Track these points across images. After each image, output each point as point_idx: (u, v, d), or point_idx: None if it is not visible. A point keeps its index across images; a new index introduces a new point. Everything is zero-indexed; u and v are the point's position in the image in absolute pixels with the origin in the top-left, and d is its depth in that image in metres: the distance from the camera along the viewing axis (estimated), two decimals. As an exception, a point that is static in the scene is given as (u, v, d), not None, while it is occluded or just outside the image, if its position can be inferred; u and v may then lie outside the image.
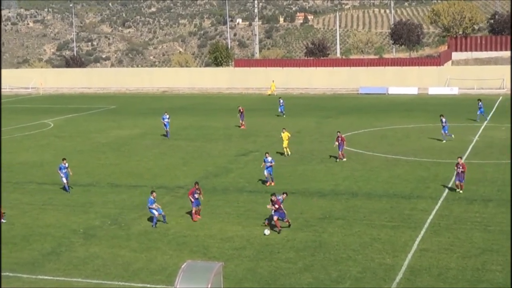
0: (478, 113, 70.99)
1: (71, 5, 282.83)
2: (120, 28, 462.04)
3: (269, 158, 44.66)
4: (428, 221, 36.10)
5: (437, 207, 38.85)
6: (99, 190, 45.21)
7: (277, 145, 58.01)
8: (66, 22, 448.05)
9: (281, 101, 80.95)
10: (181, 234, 34.98)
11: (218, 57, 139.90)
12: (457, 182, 41.80)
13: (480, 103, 71.26)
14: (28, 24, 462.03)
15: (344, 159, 52.41)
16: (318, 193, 42.80)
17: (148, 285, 28.40)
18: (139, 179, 48.20)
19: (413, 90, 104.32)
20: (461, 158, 42.28)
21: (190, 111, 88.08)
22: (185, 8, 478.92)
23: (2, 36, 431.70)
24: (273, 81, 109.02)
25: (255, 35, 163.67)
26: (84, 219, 38.17)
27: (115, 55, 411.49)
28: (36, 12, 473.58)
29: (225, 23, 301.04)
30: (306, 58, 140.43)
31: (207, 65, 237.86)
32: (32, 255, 32.34)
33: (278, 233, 34.21)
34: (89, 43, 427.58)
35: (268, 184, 44.69)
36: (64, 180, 44.56)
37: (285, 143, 54.70)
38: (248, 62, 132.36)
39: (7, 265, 30.98)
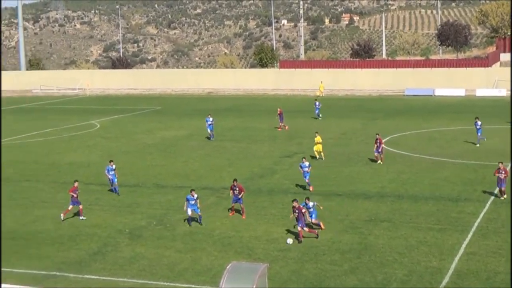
0: None
1: (117, 6, 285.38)
2: (165, 29, 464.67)
3: (306, 163, 44.10)
4: (476, 224, 35.67)
5: (484, 210, 38.38)
6: (145, 191, 45.47)
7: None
8: (112, 24, 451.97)
9: (317, 103, 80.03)
10: (226, 235, 35.01)
11: (263, 58, 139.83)
12: (501, 188, 40.89)
13: None
14: (75, 25, 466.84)
15: (380, 162, 51.93)
16: (364, 195, 42.54)
17: (193, 286, 28.46)
18: (184, 180, 48.36)
19: (460, 92, 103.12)
20: (502, 163, 41.44)
21: (235, 112, 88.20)
22: (231, 9, 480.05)
23: (50, 37, 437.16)
24: (321, 82, 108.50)
25: (300, 36, 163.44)
26: (130, 220, 38.41)
27: (161, 56, 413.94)
28: (83, 13, 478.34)
29: (270, 24, 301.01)
30: (351, 59, 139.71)
31: (252, 66, 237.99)
32: (78, 255, 32.62)
33: (299, 242, 33.43)
34: (135, 45, 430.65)
35: (312, 189, 44.02)
36: (114, 181, 44.64)
37: (318, 147, 54.03)
38: (294, 63, 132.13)
39: (54, 264, 31.31)
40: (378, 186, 44.88)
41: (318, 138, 53.85)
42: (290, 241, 33.41)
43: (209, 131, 65.81)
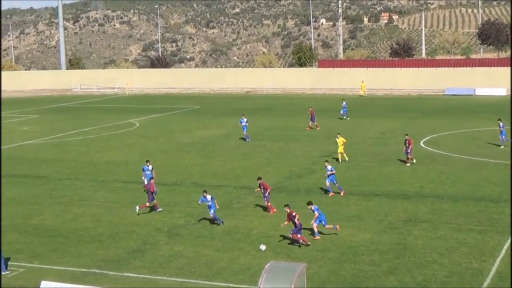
0: None
1: (156, 6, 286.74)
2: (204, 28, 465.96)
3: (329, 167, 43.22)
4: (517, 225, 35.22)
5: (526, 211, 37.87)
6: (184, 190, 45.59)
7: (360, 147, 57.51)
8: (151, 23, 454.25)
9: (344, 103, 79.43)
10: (265, 234, 34.96)
11: (301, 57, 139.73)
12: None
13: None
14: (114, 25, 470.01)
15: (408, 164, 51.47)
16: (403, 195, 42.24)
17: (231, 285, 28.46)
18: (223, 179, 48.42)
19: (501, 91, 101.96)
20: None
21: (273, 112, 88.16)
22: (269, 9, 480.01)
23: (90, 37, 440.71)
24: (362, 81, 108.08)
25: (339, 35, 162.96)
26: (168, 218, 38.54)
27: (199, 55, 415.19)
28: (123, 13, 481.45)
29: (308, 24, 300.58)
30: (390, 58, 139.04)
31: (290, 65, 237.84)
32: (118, 253, 32.80)
33: (299, 246, 32.96)
34: (174, 44, 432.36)
35: (343, 193, 43.20)
36: (146, 182, 44.38)
37: (340, 149, 53.32)
38: (332, 62, 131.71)
39: (93, 262, 31.51)
40: (417, 186, 44.53)
41: (340, 140, 53.17)
42: (263, 247, 32.60)
43: (244, 132, 65.42)
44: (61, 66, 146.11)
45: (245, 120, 65.47)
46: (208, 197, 36.99)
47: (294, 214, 33.04)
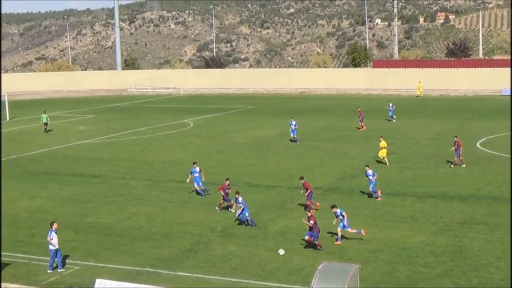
0: None
1: (211, 6, 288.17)
2: (258, 29, 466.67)
3: (370, 171, 42.36)
4: None
5: None
6: (238, 190, 45.53)
7: (415, 148, 57.03)
8: (206, 24, 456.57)
9: (391, 105, 78.16)
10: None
11: (356, 57, 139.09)
12: None
13: None
14: (169, 25, 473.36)
15: (463, 165, 50.79)
16: (459, 197, 41.72)
17: (284, 285, 28.42)
18: (276, 180, 48.39)
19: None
20: None
21: (327, 112, 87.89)
22: (324, 9, 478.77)
23: (145, 37, 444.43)
24: (419, 82, 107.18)
25: (394, 35, 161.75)
26: (222, 218, 38.62)
27: (254, 56, 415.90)
28: (178, 14, 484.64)
29: (363, 24, 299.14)
30: (446, 58, 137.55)
31: (345, 66, 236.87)
32: (171, 252, 32.99)
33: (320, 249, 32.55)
34: (228, 44, 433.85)
35: (379, 199, 42.82)
36: (196, 186, 44.44)
37: (383, 152, 52.23)
38: (387, 63, 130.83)
39: (147, 260, 31.74)
40: (473, 188, 43.96)
41: (383, 143, 52.27)
42: (282, 251, 32.17)
43: (292, 135, 64.41)
44: (116, 66, 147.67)
45: (294, 122, 64.43)
46: (240, 199, 37.03)
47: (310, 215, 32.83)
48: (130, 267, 30.95)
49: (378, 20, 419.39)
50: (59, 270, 30.51)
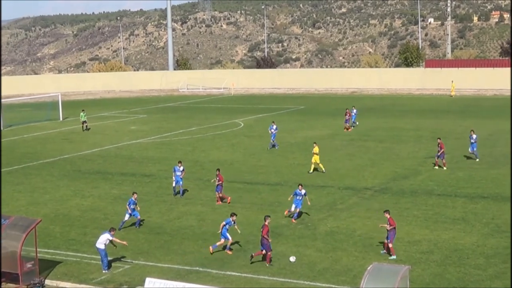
0: None
1: (263, 7, 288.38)
2: (310, 29, 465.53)
3: (302, 191, 38.97)
4: None
5: None
6: (287, 190, 45.51)
7: (467, 148, 56.34)
8: (257, 24, 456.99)
9: (355, 110, 74.62)
10: (368, 236, 34.65)
11: (408, 57, 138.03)
12: None
13: None
14: (221, 26, 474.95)
15: (445, 168, 50.28)
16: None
17: (333, 286, 28.34)
18: (326, 180, 48.24)
19: None
20: None
21: (379, 112, 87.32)
22: (376, 8, 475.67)
23: (197, 37, 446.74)
24: (452, 81, 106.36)
25: (448, 34, 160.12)
26: (272, 218, 38.47)
27: (305, 55, 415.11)
28: (229, 14, 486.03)
29: (416, 23, 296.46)
30: (501, 58, 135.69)
31: (397, 65, 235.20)
32: (221, 252, 33.06)
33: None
34: (280, 44, 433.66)
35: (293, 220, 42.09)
36: (174, 184, 44.60)
37: (316, 158, 50.65)
38: (440, 62, 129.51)
39: (197, 260, 31.89)
40: (526, 189, 43.29)
41: (316, 149, 50.79)
42: (292, 259, 31.41)
43: (272, 139, 62.61)
44: (168, 66, 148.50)
45: (274, 127, 62.78)
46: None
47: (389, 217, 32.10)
48: (179, 266, 31.14)
49: (431, 19, 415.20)
50: (103, 271, 30.79)
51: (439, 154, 50.65)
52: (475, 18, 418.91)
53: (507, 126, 69.83)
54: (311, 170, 50.74)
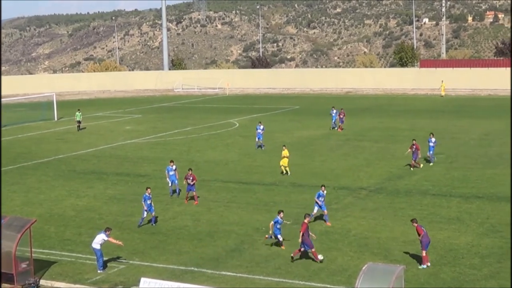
0: None
1: (258, 7, 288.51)
2: (305, 29, 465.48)
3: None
4: None
5: None
6: (282, 190, 45.63)
7: (463, 148, 56.44)
8: (252, 24, 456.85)
9: (334, 111, 73.18)
10: (363, 235, 34.68)
11: (403, 57, 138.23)
12: None
13: None
14: (216, 26, 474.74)
15: (420, 166, 50.68)
16: (507, 198, 41.13)
17: (328, 286, 28.35)
18: (321, 180, 48.09)
19: None
20: None
21: (374, 112, 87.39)
22: (371, 8, 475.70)
23: (192, 37, 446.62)
24: (442, 81, 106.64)
25: (442, 34, 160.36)
26: (267, 218, 38.54)
27: (300, 55, 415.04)
28: (224, 14, 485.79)
29: (411, 23, 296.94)
30: (495, 58, 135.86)
31: (392, 65, 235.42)
32: (216, 251, 33.08)
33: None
34: (275, 44, 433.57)
35: None
36: (170, 184, 44.64)
37: (284, 161, 50.13)
38: (434, 62, 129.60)
39: (192, 260, 31.88)
40: (521, 189, 43.34)
41: (285, 152, 50.35)
42: (321, 256, 31.08)
43: (258, 139, 62.51)
44: (163, 66, 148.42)
45: (261, 127, 62.66)
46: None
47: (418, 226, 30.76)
48: (174, 266, 31.13)
49: (426, 20, 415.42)
50: (98, 271, 30.75)
51: (414, 155, 50.49)
52: (470, 18, 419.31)
53: (502, 126, 70.01)
54: (283, 173, 50.05)
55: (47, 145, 67.51)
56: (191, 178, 42.32)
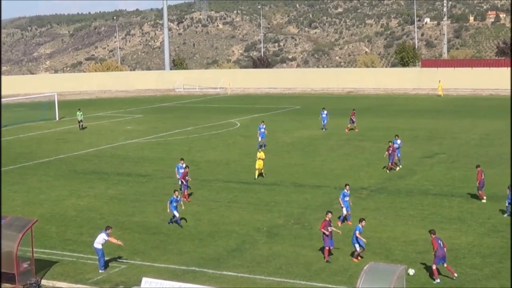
0: None
1: (259, 6, 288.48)
2: (306, 28, 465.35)
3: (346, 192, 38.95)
4: None
5: None
6: (283, 189, 45.62)
7: (464, 148, 56.43)
8: (254, 24, 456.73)
9: (325, 112, 73.47)
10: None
11: (404, 57, 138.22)
12: None
13: None
14: (217, 26, 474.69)
15: (398, 167, 50.73)
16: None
17: (329, 286, 28.35)
18: (322, 180, 48.25)
19: None
20: None
21: (375, 112, 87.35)
22: (372, 8, 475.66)
23: (193, 37, 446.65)
24: (439, 81, 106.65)
25: (444, 34, 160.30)
26: (268, 218, 38.64)
27: (301, 55, 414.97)
28: (226, 14, 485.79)
29: (412, 23, 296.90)
30: (497, 58, 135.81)
31: (393, 65, 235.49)
32: (217, 251, 33.09)
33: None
34: (276, 44, 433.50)
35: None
36: (180, 182, 44.46)
37: (259, 163, 49.23)
38: (436, 62, 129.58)
39: (193, 260, 31.89)
40: (522, 189, 43.28)
41: (261, 154, 49.90)
42: (412, 271, 28.85)
43: (260, 139, 62.08)
44: (165, 66, 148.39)
45: (264, 126, 62.52)
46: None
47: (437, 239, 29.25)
48: (176, 266, 31.14)
49: (427, 19, 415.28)
50: (99, 271, 30.77)
51: (391, 157, 50.33)
52: (471, 18, 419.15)
53: (503, 126, 69.94)
54: (256, 176, 49.18)
55: (48, 145, 67.54)
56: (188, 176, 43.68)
